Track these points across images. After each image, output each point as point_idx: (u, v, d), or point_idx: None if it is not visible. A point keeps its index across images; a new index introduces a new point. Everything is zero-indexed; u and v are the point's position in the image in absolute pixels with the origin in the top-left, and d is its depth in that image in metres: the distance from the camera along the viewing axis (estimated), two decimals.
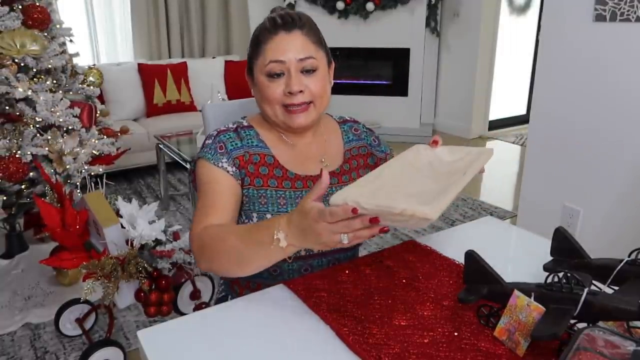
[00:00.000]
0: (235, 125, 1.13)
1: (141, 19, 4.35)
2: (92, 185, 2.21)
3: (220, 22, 4.79)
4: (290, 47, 1.04)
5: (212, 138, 1.10)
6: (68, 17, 2.43)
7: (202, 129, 2.94)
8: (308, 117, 1.08)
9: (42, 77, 2.27)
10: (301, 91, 1.05)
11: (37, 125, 2.21)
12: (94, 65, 4.00)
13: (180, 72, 4.22)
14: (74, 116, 2.30)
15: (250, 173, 1.08)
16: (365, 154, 1.25)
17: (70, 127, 2.27)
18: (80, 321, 2.00)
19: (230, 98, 3.93)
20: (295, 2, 4.82)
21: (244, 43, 4.84)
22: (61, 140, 2.22)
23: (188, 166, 2.91)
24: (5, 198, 2.18)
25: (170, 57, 4.55)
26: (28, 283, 2.44)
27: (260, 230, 0.85)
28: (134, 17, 4.34)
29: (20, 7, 2.22)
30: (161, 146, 3.36)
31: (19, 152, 2.12)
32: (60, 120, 2.24)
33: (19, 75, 2.17)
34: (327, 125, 1.24)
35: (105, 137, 2.54)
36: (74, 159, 2.27)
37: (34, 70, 2.24)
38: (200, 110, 2.19)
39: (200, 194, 1.05)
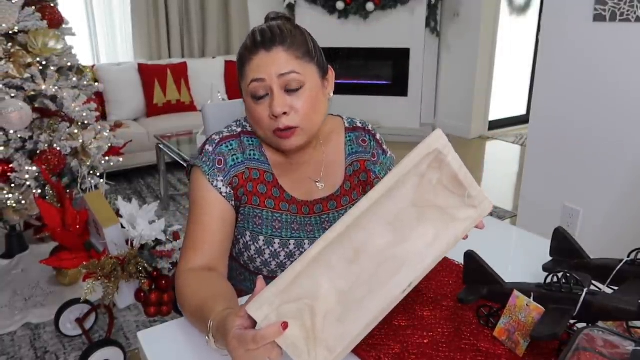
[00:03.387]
0: (240, 130, 1.07)
1: (141, 19, 4.35)
2: (93, 185, 2.25)
3: (220, 22, 4.78)
4: (270, 65, 0.96)
5: (214, 145, 1.03)
6: (68, 17, 2.45)
7: (202, 129, 2.94)
8: (298, 140, 1.00)
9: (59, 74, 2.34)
10: (285, 113, 0.96)
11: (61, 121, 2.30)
12: (93, 65, 4.02)
13: (180, 72, 4.22)
14: (90, 111, 2.39)
15: (248, 191, 1.04)
16: (364, 169, 1.15)
17: (86, 122, 2.35)
18: (80, 321, 2.00)
19: (230, 98, 3.93)
20: (295, 2, 4.82)
21: None
22: (80, 133, 2.30)
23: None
24: (39, 192, 2.22)
25: (170, 57, 4.55)
26: (28, 283, 2.44)
27: (204, 317, 0.80)
28: (134, 17, 4.34)
29: (34, 7, 2.28)
30: (161, 146, 3.37)
31: (54, 145, 2.19)
32: (84, 114, 2.32)
33: (49, 72, 2.24)
34: (330, 132, 1.14)
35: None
36: (97, 149, 2.37)
37: (52, 68, 2.30)
38: (200, 110, 2.19)
39: (190, 217, 1.02)
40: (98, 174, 2.42)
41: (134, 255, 1.57)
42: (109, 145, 2.49)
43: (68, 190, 2.14)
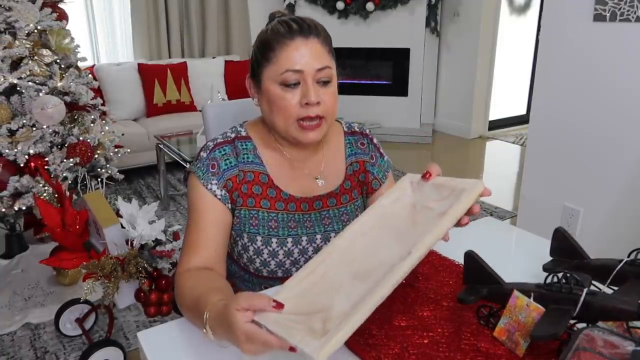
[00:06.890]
0: (233, 136, 1.09)
1: (141, 19, 4.35)
2: (92, 185, 2.26)
3: (220, 22, 4.78)
4: (307, 56, 0.98)
5: (207, 151, 1.06)
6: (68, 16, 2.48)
7: (202, 129, 2.95)
8: (320, 133, 1.03)
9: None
10: (318, 103, 0.99)
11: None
12: (93, 65, 4.02)
13: (180, 72, 4.22)
14: (99, 105, 2.47)
15: (243, 193, 1.05)
16: (363, 170, 1.18)
17: (93, 117, 2.40)
18: (80, 321, 2.00)
19: (230, 98, 3.93)
20: (295, 2, 4.82)
21: (244, 43, 4.84)
22: (94, 127, 2.35)
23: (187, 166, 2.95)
24: (70, 183, 2.25)
25: (170, 57, 4.55)
26: (28, 283, 2.44)
27: (200, 311, 0.81)
28: (134, 17, 4.34)
29: (51, 9, 2.32)
30: (161, 146, 3.37)
31: (81, 137, 2.24)
32: (97, 108, 2.41)
33: (71, 70, 2.29)
34: (331, 134, 1.16)
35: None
36: (110, 142, 2.43)
37: (61, 65, 2.34)
38: (200, 110, 2.20)
39: (188, 221, 1.04)
40: (108, 165, 2.48)
41: (134, 255, 1.56)
42: (117, 138, 2.57)
43: (86, 181, 2.22)
